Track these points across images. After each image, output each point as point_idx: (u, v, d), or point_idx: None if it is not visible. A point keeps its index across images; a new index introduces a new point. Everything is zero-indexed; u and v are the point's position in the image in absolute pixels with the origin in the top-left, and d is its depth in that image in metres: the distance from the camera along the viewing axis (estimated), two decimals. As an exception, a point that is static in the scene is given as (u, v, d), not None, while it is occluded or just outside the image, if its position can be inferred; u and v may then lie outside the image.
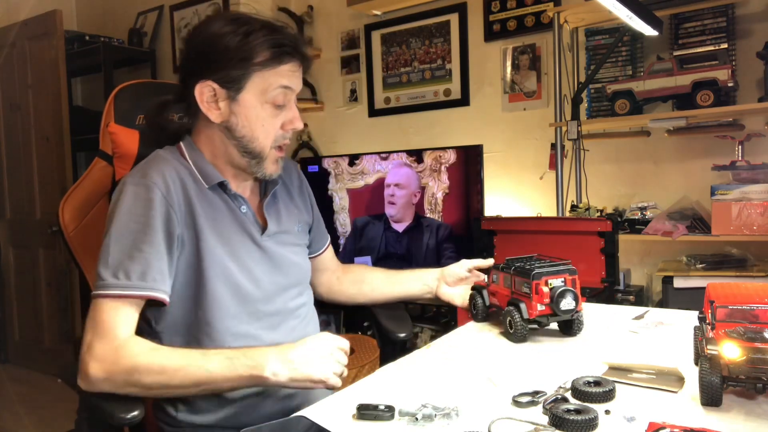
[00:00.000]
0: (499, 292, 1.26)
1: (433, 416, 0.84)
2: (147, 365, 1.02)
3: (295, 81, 1.18)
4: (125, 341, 1.03)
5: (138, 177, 1.12)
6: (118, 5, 4.08)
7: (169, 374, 1.02)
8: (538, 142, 2.88)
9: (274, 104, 1.16)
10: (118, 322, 1.04)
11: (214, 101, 1.15)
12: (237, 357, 1.03)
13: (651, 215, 2.45)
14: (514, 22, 2.95)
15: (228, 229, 1.18)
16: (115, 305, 1.05)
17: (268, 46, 1.12)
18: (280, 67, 1.14)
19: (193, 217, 1.13)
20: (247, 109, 1.15)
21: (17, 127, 3.76)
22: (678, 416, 0.82)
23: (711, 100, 2.20)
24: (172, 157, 1.18)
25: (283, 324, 1.23)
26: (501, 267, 1.26)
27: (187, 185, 1.15)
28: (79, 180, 1.38)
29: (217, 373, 1.02)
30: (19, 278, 3.89)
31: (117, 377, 1.02)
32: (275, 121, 1.17)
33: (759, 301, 0.86)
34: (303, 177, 1.43)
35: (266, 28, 1.14)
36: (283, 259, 1.25)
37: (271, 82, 1.14)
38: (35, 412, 3.12)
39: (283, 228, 1.28)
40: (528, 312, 1.15)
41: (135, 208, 1.09)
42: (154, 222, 1.08)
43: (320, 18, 3.61)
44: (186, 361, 1.03)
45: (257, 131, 1.16)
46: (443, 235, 2.70)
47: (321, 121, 3.60)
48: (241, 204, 1.21)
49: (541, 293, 1.15)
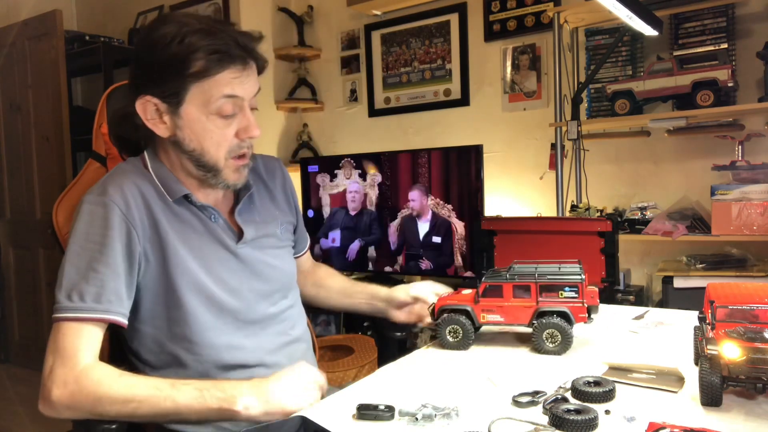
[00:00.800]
0: (509, 307, 1.14)
1: (433, 416, 0.84)
2: (111, 395, 0.97)
3: (241, 87, 1.07)
4: (88, 367, 0.98)
5: (96, 195, 1.07)
6: (118, 5, 4.08)
7: (134, 404, 0.97)
8: (538, 142, 2.88)
9: (221, 115, 1.07)
10: (80, 345, 0.99)
11: (158, 116, 1.08)
12: (207, 389, 0.98)
13: (651, 215, 2.45)
14: (514, 22, 2.95)
15: (198, 241, 1.13)
16: (75, 328, 1.00)
17: (204, 54, 1.03)
18: (219, 76, 1.05)
19: (157, 232, 1.08)
20: (192, 123, 1.07)
21: (17, 127, 3.76)
22: (678, 416, 0.82)
23: (711, 100, 2.20)
24: (135, 170, 1.13)
25: (266, 330, 1.19)
26: (506, 278, 1.15)
27: (149, 200, 1.10)
28: (72, 181, 1.36)
29: (185, 405, 0.97)
30: (19, 278, 3.88)
31: (80, 405, 0.97)
32: (226, 131, 1.09)
33: (759, 301, 0.86)
34: (287, 176, 1.36)
35: (200, 32, 1.04)
36: (262, 265, 1.20)
37: (213, 93, 1.05)
38: (35, 412, 3.12)
39: (261, 232, 1.22)
40: (577, 318, 1.10)
41: (92, 227, 1.04)
42: (112, 242, 1.04)
43: (320, 18, 3.61)
44: (152, 392, 0.97)
45: (206, 144, 1.09)
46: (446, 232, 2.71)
47: (321, 121, 3.60)
48: (211, 213, 1.16)
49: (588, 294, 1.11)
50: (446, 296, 1.22)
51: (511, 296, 1.14)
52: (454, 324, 1.16)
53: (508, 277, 1.15)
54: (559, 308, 1.10)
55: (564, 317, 1.10)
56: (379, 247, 2.95)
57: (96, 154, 1.38)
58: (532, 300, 1.12)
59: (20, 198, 3.80)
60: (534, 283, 1.12)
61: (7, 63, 3.75)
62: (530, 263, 1.20)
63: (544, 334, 1.10)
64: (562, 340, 1.09)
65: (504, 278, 1.15)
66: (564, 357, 1.09)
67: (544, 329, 1.10)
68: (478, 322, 1.16)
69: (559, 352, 1.09)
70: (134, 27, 3.93)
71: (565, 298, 1.11)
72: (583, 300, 1.10)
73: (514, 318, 1.14)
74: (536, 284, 1.12)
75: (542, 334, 1.10)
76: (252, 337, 1.16)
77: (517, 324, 1.14)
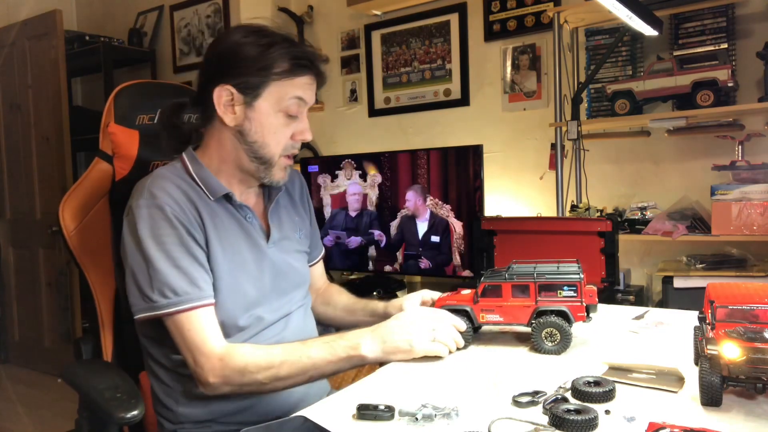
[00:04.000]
0: (508, 306, 1.14)
1: (433, 416, 0.84)
2: (254, 364, 1.08)
3: (309, 94, 1.22)
4: (226, 350, 1.09)
5: (146, 199, 1.13)
6: (118, 5, 4.08)
7: (276, 367, 1.08)
8: (538, 142, 2.88)
9: (287, 114, 1.19)
10: (205, 333, 1.09)
11: (230, 105, 1.18)
12: (334, 340, 1.10)
13: (651, 215, 2.45)
14: (514, 22, 2.95)
15: (236, 239, 1.20)
16: (190, 318, 1.09)
17: (288, 58, 1.16)
18: (296, 79, 1.18)
19: (204, 229, 1.16)
20: (262, 116, 1.18)
21: (17, 127, 3.76)
22: (678, 416, 0.82)
23: (711, 100, 2.20)
24: (173, 173, 1.20)
25: (285, 326, 1.26)
26: (505, 277, 1.14)
27: (193, 198, 1.17)
28: (78, 180, 1.38)
29: (319, 358, 1.08)
30: (19, 278, 3.89)
31: (233, 380, 1.08)
32: (287, 130, 1.21)
33: (759, 301, 0.86)
34: (305, 185, 1.45)
35: (287, 41, 1.18)
36: (287, 266, 1.29)
37: (287, 92, 1.18)
38: (35, 412, 3.13)
39: (285, 234, 1.31)
40: (575, 317, 1.10)
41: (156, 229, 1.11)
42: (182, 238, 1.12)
43: (320, 18, 3.61)
44: (287, 353, 1.09)
45: (268, 138, 1.19)
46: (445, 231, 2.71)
47: (321, 121, 3.60)
48: (247, 213, 1.24)
49: (586, 293, 1.11)
50: (446, 296, 1.23)
51: (510, 296, 1.14)
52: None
53: (507, 277, 1.15)
54: (558, 307, 1.10)
55: (563, 316, 1.10)
56: (379, 247, 2.95)
57: (103, 153, 1.39)
58: (531, 299, 1.12)
59: (20, 198, 3.80)
60: (533, 283, 1.12)
61: (7, 63, 3.75)
62: (529, 263, 1.20)
63: (543, 333, 1.10)
64: (561, 339, 1.09)
65: (503, 278, 1.15)
66: (564, 357, 1.09)
67: (542, 328, 1.10)
68: (477, 322, 1.16)
69: (559, 351, 1.09)
70: (134, 27, 3.93)
71: (564, 297, 1.11)
72: (581, 299, 1.10)
73: (513, 318, 1.14)
74: (535, 284, 1.12)
75: (541, 333, 1.10)
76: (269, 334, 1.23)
77: (516, 324, 1.14)
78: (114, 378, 1.14)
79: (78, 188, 1.37)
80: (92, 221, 1.37)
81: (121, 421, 1.03)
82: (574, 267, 1.16)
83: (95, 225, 1.36)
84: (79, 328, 3.51)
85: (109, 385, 1.11)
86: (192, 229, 1.14)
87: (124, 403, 1.04)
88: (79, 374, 1.21)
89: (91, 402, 1.12)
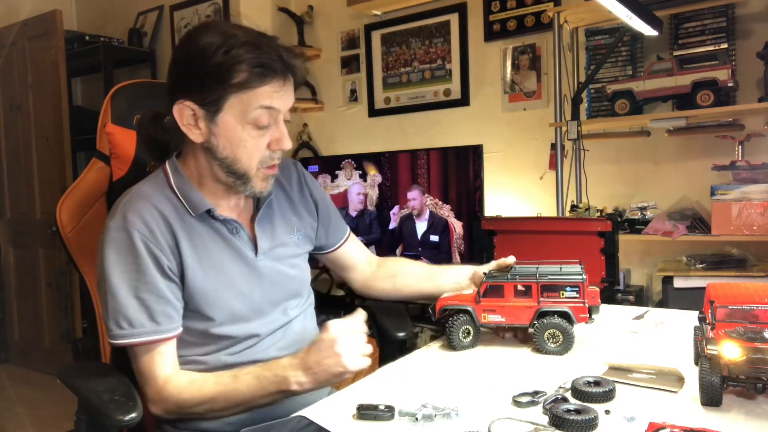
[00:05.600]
0: (510, 307, 1.13)
1: (433, 416, 0.84)
2: (189, 400, 1.06)
3: (280, 100, 1.10)
4: (164, 382, 1.08)
5: (118, 222, 1.08)
6: (118, 5, 4.08)
7: (209, 402, 1.06)
8: (538, 142, 2.88)
9: (257, 125, 1.09)
10: (152, 365, 1.08)
11: (194, 121, 1.09)
12: (264, 375, 1.05)
13: (651, 215, 2.45)
14: (514, 22, 2.95)
15: (219, 257, 1.14)
16: (143, 350, 1.08)
17: (248, 66, 1.05)
18: (260, 88, 1.06)
19: (179, 253, 1.10)
20: (228, 131, 1.08)
21: (17, 127, 3.76)
22: (678, 416, 0.82)
23: (711, 100, 2.20)
24: (154, 190, 1.13)
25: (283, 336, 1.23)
26: (508, 278, 1.15)
27: (170, 220, 1.11)
28: (76, 181, 1.37)
29: (250, 394, 1.05)
30: (19, 278, 3.88)
31: (173, 412, 1.08)
32: (259, 141, 1.11)
33: (759, 301, 0.86)
34: (304, 174, 1.35)
35: (247, 45, 1.05)
36: (280, 276, 1.22)
37: (251, 104, 1.07)
38: (35, 412, 3.12)
39: (277, 242, 1.23)
40: (578, 319, 1.10)
41: (121, 255, 1.07)
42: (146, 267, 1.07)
43: (320, 18, 3.61)
44: (219, 387, 1.06)
45: (239, 153, 1.10)
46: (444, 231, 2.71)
47: (321, 121, 3.60)
48: (233, 226, 1.17)
49: (589, 294, 1.11)
50: (447, 296, 1.22)
51: (512, 296, 1.14)
52: (466, 326, 1.16)
53: (509, 278, 1.15)
54: (561, 308, 1.10)
55: (565, 317, 1.10)
56: (379, 246, 2.95)
57: (100, 153, 1.38)
58: (533, 300, 1.12)
59: (20, 198, 3.80)
60: (535, 284, 1.12)
61: (7, 63, 3.75)
62: (531, 263, 1.20)
63: (546, 335, 1.10)
64: (563, 340, 1.09)
65: (505, 278, 1.15)
66: (564, 357, 1.09)
67: (545, 329, 1.10)
68: (479, 323, 1.16)
69: (561, 352, 1.09)
70: (134, 27, 3.93)
71: (567, 298, 1.11)
72: (584, 300, 1.10)
73: (515, 318, 1.13)
74: (537, 284, 1.12)
75: (543, 334, 1.10)
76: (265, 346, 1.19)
77: (518, 324, 1.14)
78: (112, 380, 1.13)
79: (75, 189, 1.36)
80: (90, 222, 1.36)
81: (120, 423, 1.03)
82: (577, 268, 1.16)
83: (93, 225, 1.35)
84: (79, 329, 3.51)
85: (107, 387, 1.10)
86: (161, 257, 1.08)
87: (122, 406, 1.03)
88: (76, 377, 1.21)
89: (89, 405, 1.11)
